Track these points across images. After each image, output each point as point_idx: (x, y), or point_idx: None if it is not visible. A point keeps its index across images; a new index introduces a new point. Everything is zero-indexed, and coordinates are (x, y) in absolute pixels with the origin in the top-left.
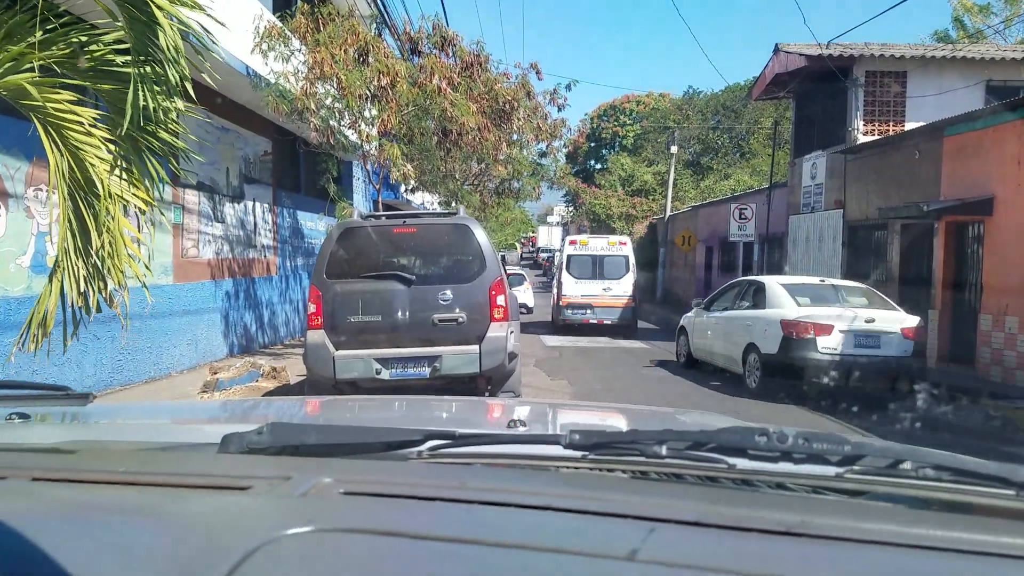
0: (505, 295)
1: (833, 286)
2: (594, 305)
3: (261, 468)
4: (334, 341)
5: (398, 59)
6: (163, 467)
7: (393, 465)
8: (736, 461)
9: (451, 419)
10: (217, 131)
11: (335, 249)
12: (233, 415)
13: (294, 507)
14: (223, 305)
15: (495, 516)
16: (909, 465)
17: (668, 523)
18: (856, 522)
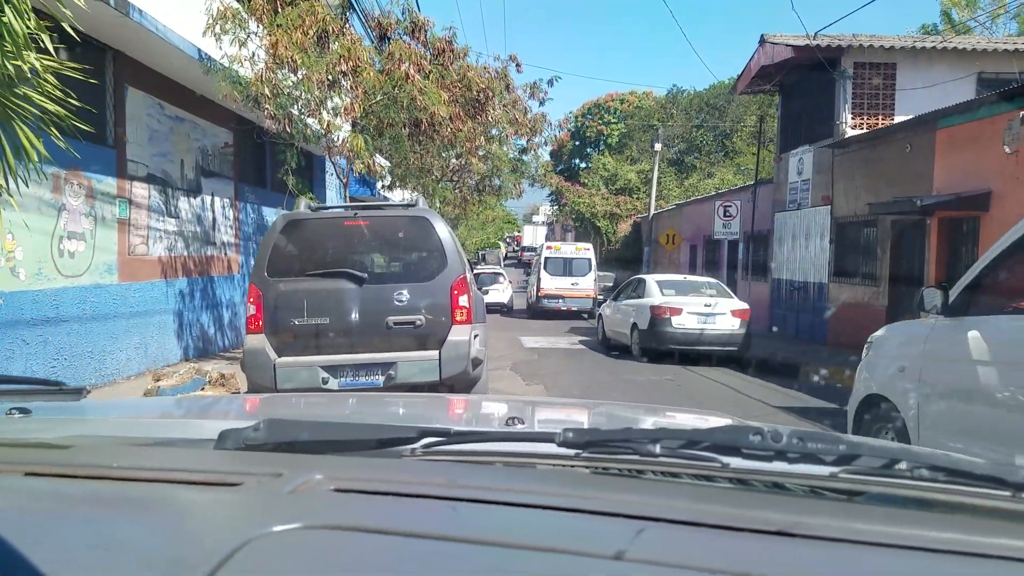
0: (469, 295)
1: (692, 281)
2: (564, 296)
3: (254, 464)
4: (276, 347)
5: (362, 44)
6: (156, 462)
7: (386, 462)
8: (730, 460)
9: (449, 416)
10: (170, 120)
11: (278, 243)
12: (231, 411)
13: (282, 504)
14: (176, 306)
15: (483, 514)
16: (904, 465)
17: (659, 522)
18: (851, 523)
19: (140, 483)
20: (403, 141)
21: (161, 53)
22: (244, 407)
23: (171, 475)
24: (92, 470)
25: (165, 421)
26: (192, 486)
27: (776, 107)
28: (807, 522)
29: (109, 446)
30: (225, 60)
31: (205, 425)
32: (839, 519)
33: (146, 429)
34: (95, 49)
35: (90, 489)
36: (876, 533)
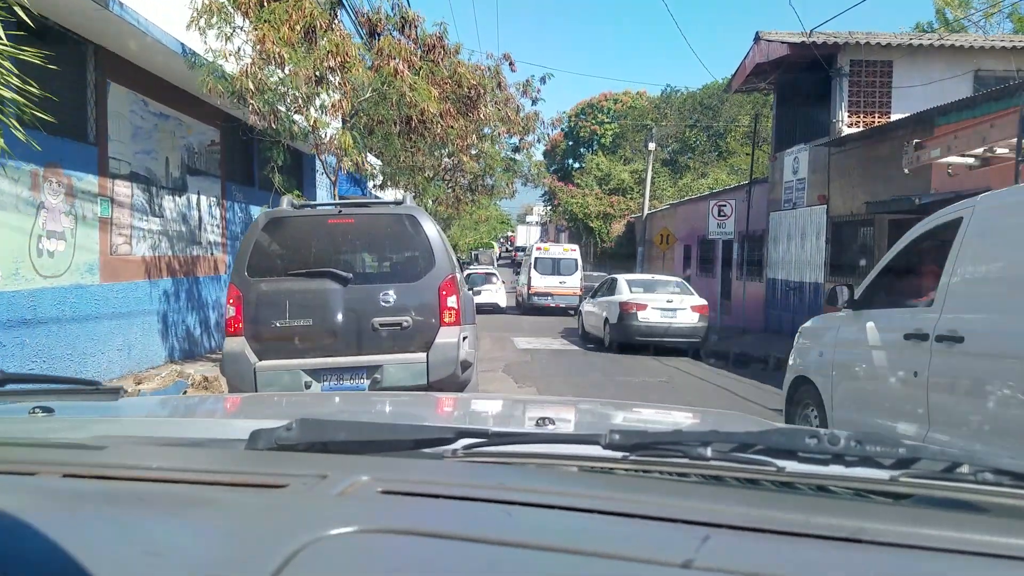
0: (457, 295)
1: (658, 280)
2: (553, 293)
3: (295, 465)
4: (256, 350)
5: (351, 40)
6: (195, 463)
7: (429, 464)
8: (785, 463)
9: (477, 416)
10: (154, 117)
11: (259, 242)
12: (258, 410)
13: (334, 506)
14: (161, 307)
15: (539, 518)
16: (967, 469)
17: (723, 528)
18: (915, 528)
19: (183, 484)
20: (393, 139)
21: (144, 47)
22: (271, 406)
23: (214, 476)
24: (131, 471)
25: (192, 421)
26: (237, 488)
27: (771, 107)
28: (872, 528)
29: (144, 446)
30: (210, 55)
31: (235, 424)
32: (904, 525)
33: (175, 428)
34: (75, 43)
35: (132, 491)
36: (943, 539)
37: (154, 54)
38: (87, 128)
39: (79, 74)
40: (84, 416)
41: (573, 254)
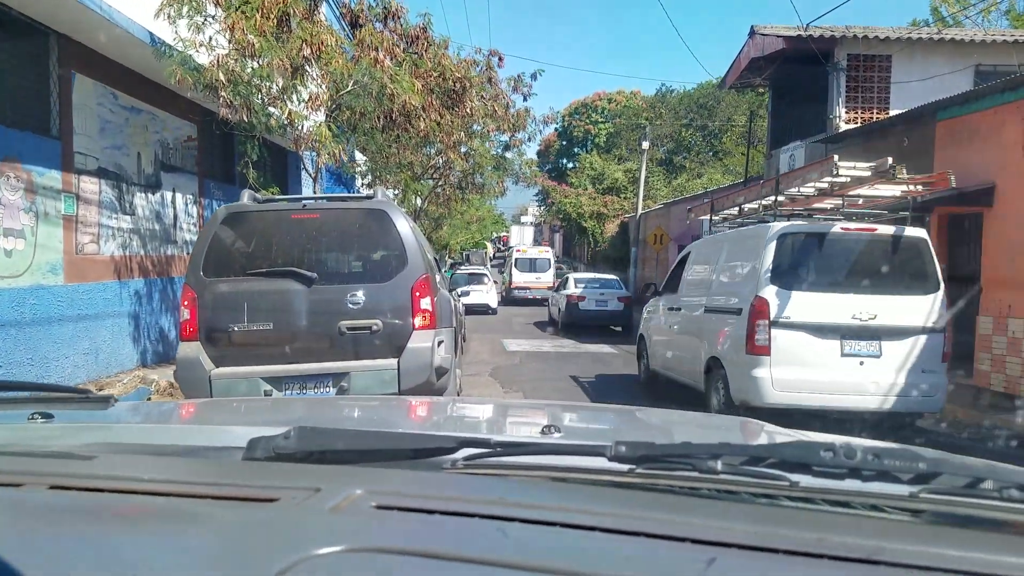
0: (432, 297)
1: (598, 278)
2: (530, 287)
3: (289, 477)
4: (212, 356)
5: (330, 30)
6: (186, 475)
7: (427, 476)
8: (799, 478)
9: (479, 423)
10: (124, 111)
11: (216, 239)
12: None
13: (324, 522)
14: (132, 308)
15: (540, 537)
16: (990, 484)
17: (730, 548)
18: (938, 549)
19: (172, 497)
20: (377, 134)
21: (110, 37)
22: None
23: (204, 489)
24: (120, 483)
25: (189, 428)
26: (227, 501)
27: (766, 106)
28: (891, 548)
29: (136, 456)
30: (180, 45)
31: (234, 431)
32: (925, 545)
33: (170, 436)
34: (36, 32)
35: (119, 504)
36: (966, 560)
37: (121, 44)
38: (50, 121)
39: (41, 65)
40: (75, 424)
41: (547, 254)
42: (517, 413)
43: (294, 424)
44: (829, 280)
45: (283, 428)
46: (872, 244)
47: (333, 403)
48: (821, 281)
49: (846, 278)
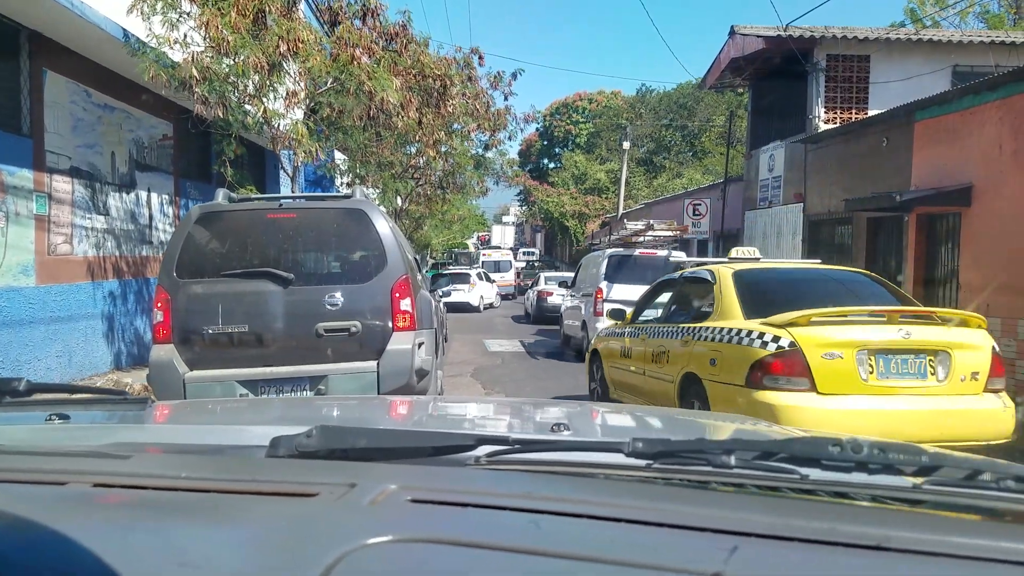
0: (412, 298)
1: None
2: (498, 284)
3: (322, 473)
4: (186, 358)
5: (308, 26)
6: (223, 471)
7: (454, 472)
8: (808, 471)
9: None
10: (98, 109)
11: (190, 239)
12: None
13: (366, 515)
14: (106, 310)
15: (570, 527)
16: (988, 476)
17: (749, 537)
18: (941, 536)
19: (214, 493)
20: (356, 132)
21: (82, 33)
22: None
23: (244, 484)
24: (161, 480)
25: (209, 428)
26: (268, 496)
27: (745, 106)
28: (899, 536)
29: (169, 455)
30: (154, 42)
31: (253, 431)
32: (931, 532)
33: (193, 436)
34: (6, 28)
35: (163, 500)
36: (970, 547)
37: (94, 41)
38: (21, 119)
39: (11, 62)
40: (97, 425)
41: (508, 256)
42: (524, 411)
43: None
44: (631, 279)
45: (301, 427)
46: (645, 259)
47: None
48: (627, 279)
49: (638, 277)
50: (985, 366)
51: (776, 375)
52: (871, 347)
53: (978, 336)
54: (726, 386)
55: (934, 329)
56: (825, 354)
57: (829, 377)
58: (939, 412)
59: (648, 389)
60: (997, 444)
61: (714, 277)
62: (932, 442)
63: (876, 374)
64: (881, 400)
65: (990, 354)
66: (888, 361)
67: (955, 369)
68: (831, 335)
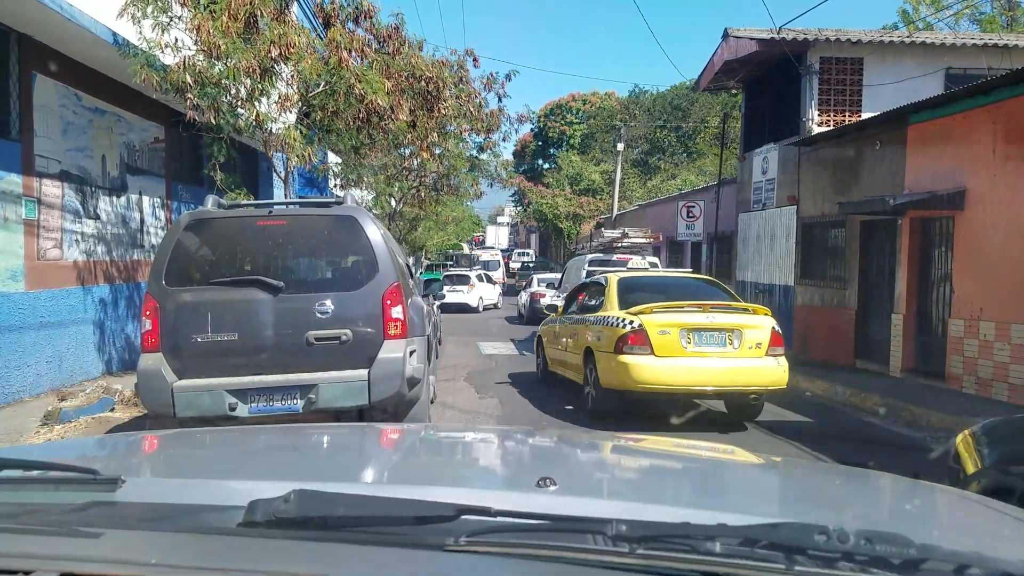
0: (404, 305)
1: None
2: None
3: (294, 560)
4: (175, 367)
5: (302, 30)
6: (196, 554)
7: (429, 557)
8: (794, 560)
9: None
10: (88, 112)
11: (179, 247)
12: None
13: None
14: (97, 315)
15: None
16: (977, 571)
17: None
18: None
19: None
20: (349, 135)
21: (71, 37)
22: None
23: (213, 573)
24: (131, 569)
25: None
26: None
27: (739, 108)
28: None
29: (141, 533)
30: (145, 45)
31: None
32: None
33: (169, 493)
34: None
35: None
36: None
37: (84, 44)
38: (9, 123)
39: (0, 65)
40: (69, 485)
41: (497, 256)
42: (508, 455)
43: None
44: None
45: (283, 483)
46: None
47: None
48: None
49: None
50: (766, 339)
51: (631, 345)
52: (689, 327)
53: (762, 320)
54: (605, 353)
55: (731, 315)
56: (660, 331)
57: (662, 346)
58: (733, 368)
59: (568, 361)
60: (778, 389)
61: (606, 281)
62: (731, 386)
63: (692, 344)
64: (695, 360)
65: (770, 331)
66: (700, 335)
67: (744, 341)
68: (664, 319)
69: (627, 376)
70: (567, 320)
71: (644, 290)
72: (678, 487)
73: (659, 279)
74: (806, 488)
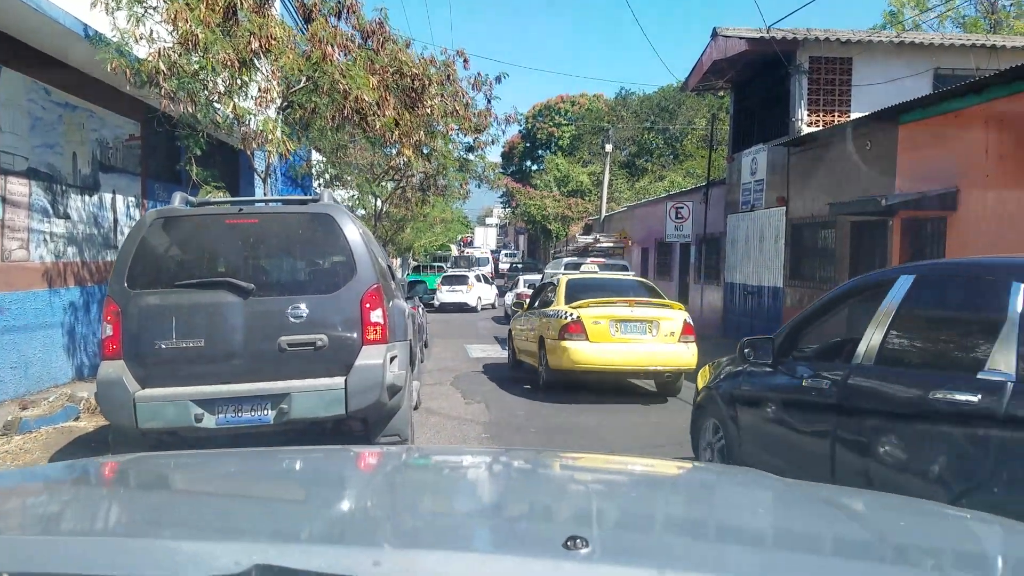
0: (383, 308)
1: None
2: None
3: None
4: (138, 376)
5: (282, 23)
6: None
7: None
8: None
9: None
10: (59, 107)
11: (143, 246)
12: (219, 514)
13: None
14: (66, 318)
15: None
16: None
17: None
18: None
19: None
20: (331, 132)
21: (40, 29)
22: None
23: None
24: None
25: (132, 550)
26: None
27: (727, 109)
28: None
29: None
30: (119, 37)
31: (183, 551)
32: None
33: (112, 564)
34: None
35: None
36: None
37: (54, 36)
38: None
39: None
40: None
41: (487, 254)
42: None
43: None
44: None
45: (242, 546)
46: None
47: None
48: None
49: None
50: (679, 329)
51: (571, 333)
52: (616, 318)
53: (676, 313)
54: (552, 340)
55: (651, 309)
56: (593, 322)
57: (595, 334)
58: (651, 352)
59: (529, 349)
60: (688, 369)
61: (557, 282)
62: (649, 366)
63: (620, 332)
64: (622, 345)
65: (682, 323)
66: (625, 325)
67: (661, 330)
68: (597, 312)
69: (568, 358)
70: (530, 315)
71: (587, 289)
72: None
73: (600, 280)
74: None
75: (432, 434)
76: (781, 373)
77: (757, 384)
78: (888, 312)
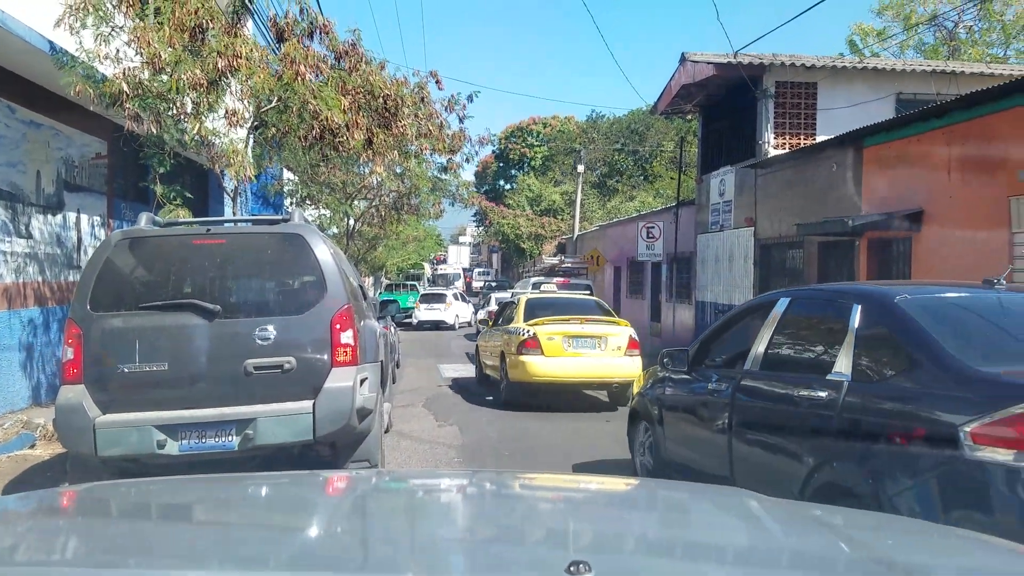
0: (354, 329)
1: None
2: None
3: None
4: (99, 401)
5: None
6: None
7: None
8: None
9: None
10: (22, 126)
11: (107, 268)
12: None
13: None
14: (25, 340)
15: None
16: None
17: None
18: None
19: None
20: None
21: (5, 47)
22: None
23: None
24: None
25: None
26: None
27: (695, 132)
28: None
29: None
30: (84, 56)
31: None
32: None
33: None
34: None
35: None
36: None
37: (18, 54)
38: None
39: None
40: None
41: (459, 271)
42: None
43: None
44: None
45: None
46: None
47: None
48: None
49: None
50: (625, 344)
51: (527, 348)
52: (569, 334)
53: (623, 329)
54: (511, 355)
55: (600, 326)
56: (548, 338)
57: (550, 348)
58: (601, 363)
59: (492, 363)
60: (630, 378)
61: (517, 300)
62: (598, 378)
63: (572, 347)
64: (573, 359)
65: (628, 338)
66: (577, 341)
67: (608, 345)
68: (551, 329)
69: (525, 371)
70: (494, 331)
71: (543, 307)
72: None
73: (556, 299)
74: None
75: (404, 458)
76: (694, 379)
77: (675, 389)
78: (770, 326)
